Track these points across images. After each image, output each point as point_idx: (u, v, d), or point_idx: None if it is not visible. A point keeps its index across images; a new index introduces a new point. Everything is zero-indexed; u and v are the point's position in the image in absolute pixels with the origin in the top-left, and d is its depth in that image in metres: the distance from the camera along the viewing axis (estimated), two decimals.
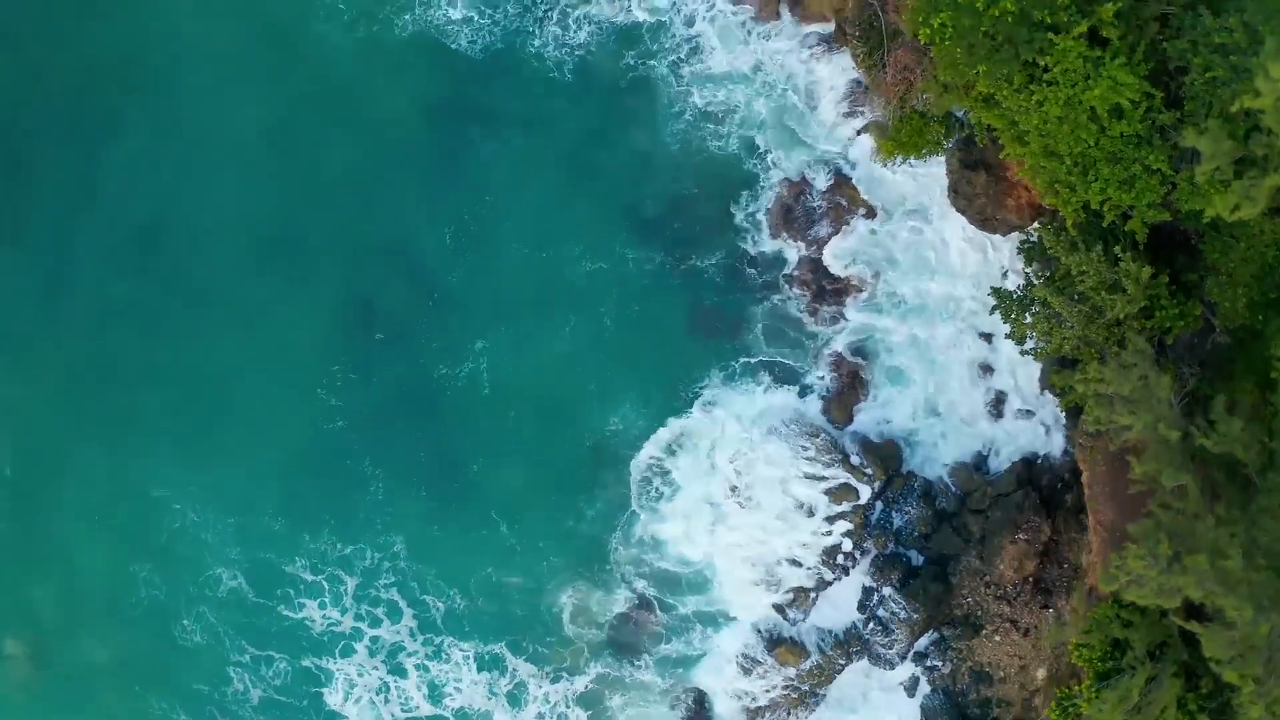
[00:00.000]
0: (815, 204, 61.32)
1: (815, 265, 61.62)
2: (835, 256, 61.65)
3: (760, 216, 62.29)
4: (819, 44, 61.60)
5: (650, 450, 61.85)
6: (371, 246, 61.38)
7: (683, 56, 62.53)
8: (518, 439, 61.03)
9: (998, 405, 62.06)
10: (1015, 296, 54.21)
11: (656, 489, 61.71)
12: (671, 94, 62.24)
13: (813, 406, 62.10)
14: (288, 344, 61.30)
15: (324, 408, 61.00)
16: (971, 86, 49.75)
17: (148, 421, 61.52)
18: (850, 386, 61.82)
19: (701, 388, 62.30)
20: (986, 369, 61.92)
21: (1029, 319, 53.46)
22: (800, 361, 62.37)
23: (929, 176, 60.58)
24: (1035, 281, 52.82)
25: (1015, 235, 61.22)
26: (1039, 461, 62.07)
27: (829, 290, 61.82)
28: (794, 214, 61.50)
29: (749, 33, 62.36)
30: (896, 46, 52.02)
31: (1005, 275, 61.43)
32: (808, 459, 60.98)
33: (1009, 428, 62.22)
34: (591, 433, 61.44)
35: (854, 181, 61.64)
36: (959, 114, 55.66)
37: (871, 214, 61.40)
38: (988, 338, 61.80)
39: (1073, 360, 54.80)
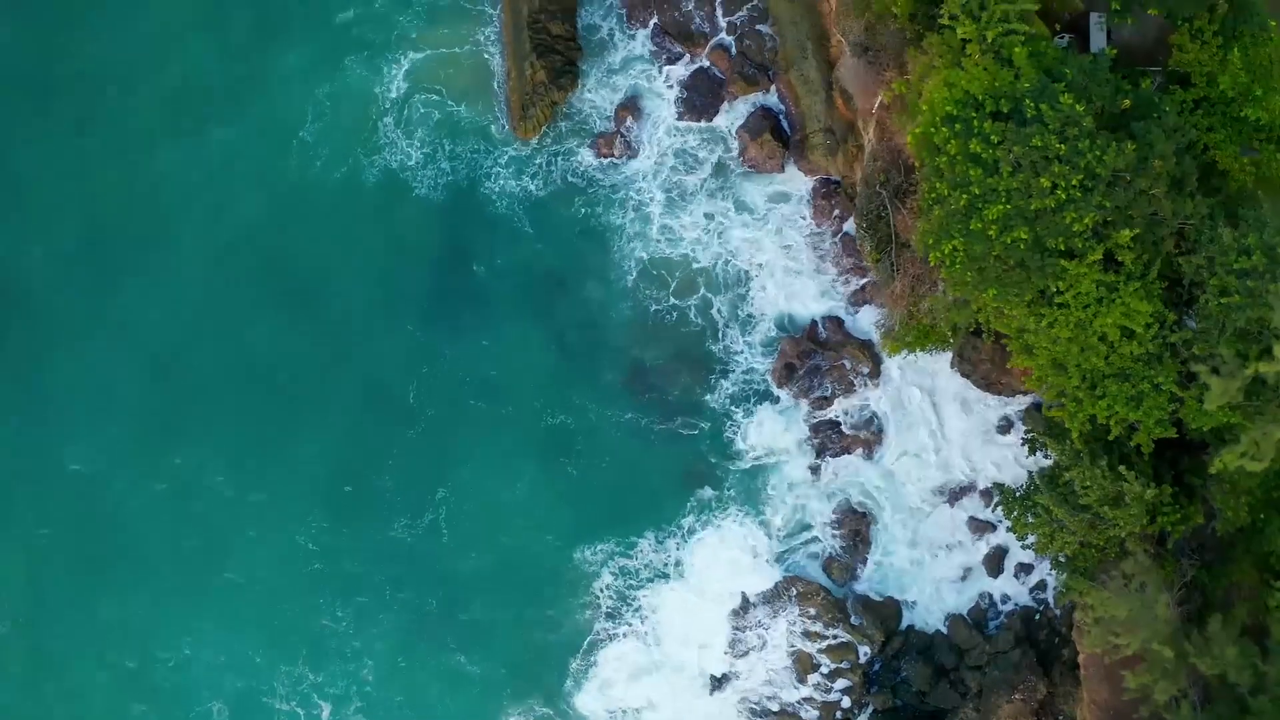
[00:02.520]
0: (818, 362, 62.09)
1: (815, 423, 62.40)
2: (838, 416, 62.47)
3: (759, 373, 63.71)
4: (822, 199, 62.37)
5: (625, 600, 63.81)
6: (344, 400, 63.91)
7: (679, 206, 64.32)
8: (478, 579, 63.91)
9: (998, 561, 63.49)
10: (1018, 496, 55.30)
11: (630, 633, 63.57)
12: (663, 243, 64.18)
13: (813, 564, 63.24)
14: (269, 495, 63.83)
15: (303, 552, 63.97)
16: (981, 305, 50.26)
17: (148, 564, 63.94)
18: (852, 544, 63.17)
19: (685, 540, 63.92)
20: (987, 525, 63.01)
21: (1031, 519, 54.45)
22: (800, 517, 63.63)
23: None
24: (1038, 483, 53.72)
25: (1019, 397, 62.59)
26: (1037, 618, 63.40)
27: (831, 448, 62.70)
28: (796, 372, 62.46)
29: (743, 184, 63.97)
30: (904, 255, 52.27)
31: (1009, 429, 62.35)
32: (808, 617, 62.21)
33: (1008, 584, 63.73)
34: (554, 578, 63.78)
35: (856, 339, 62.66)
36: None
37: (875, 374, 62.57)
38: (987, 495, 62.80)
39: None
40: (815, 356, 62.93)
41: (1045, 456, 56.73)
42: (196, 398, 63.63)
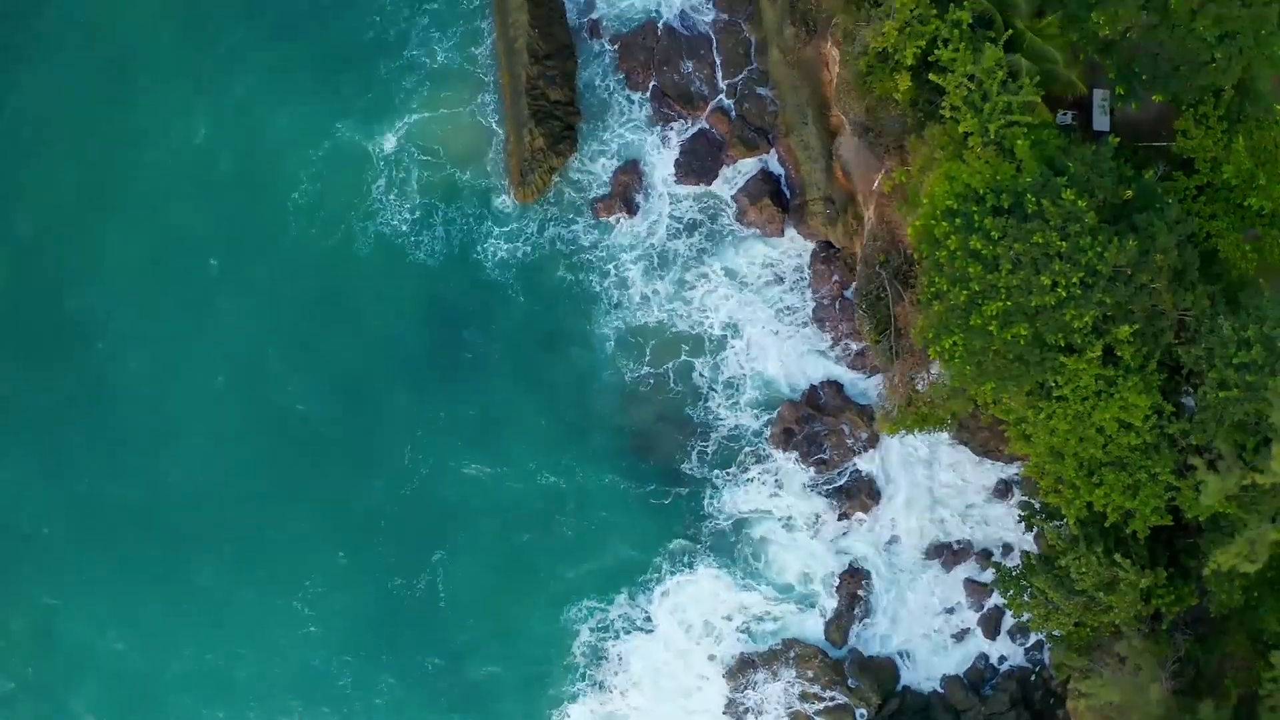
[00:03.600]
0: (817, 427, 62.26)
1: (813, 486, 62.64)
2: (835, 478, 62.92)
3: (758, 437, 63.93)
4: (821, 264, 62.59)
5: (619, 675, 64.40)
6: (339, 461, 63.99)
7: (677, 270, 64.43)
8: (474, 642, 64.30)
9: (994, 623, 63.98)
10: (1014, 575, 55.65)
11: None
12: (661, 307, 64.22)
13: (811, 625, 63.67)
14: (268, 559, 64.26)
15: (298, 616, 64.41)
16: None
17: (146, 625, 64.38)
18: (849, 605, 63.60)
19: (680, 602, 64.25)
20: (984, 587, 63.32)
21: (1026, 599, 54.71)
22: (798, 578, 64.09)
23: None
24: (1034, 564, 54.02)
25: (1016, 462, 62.74)
26: (1033, 679, 63.88)
27: (829, 511, 63.18)
28: (795, 436, 62.66)
29: (743, 247, 64.09)
30: (904, 342, 52.16)
31: (1010, 492, 62.54)
32: (806, 679, 62.74)
33: (1004, 645, 64.49)
34: (546, 639, 64.19)
35: (855, 404, 63.01)
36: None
37: (874, 439, 62.78)
38: (986, 555, 63.10)
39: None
40: (814, 421, 63.29)
41: (1040, 536, 57.09)
42: (190, 464, 63.78)
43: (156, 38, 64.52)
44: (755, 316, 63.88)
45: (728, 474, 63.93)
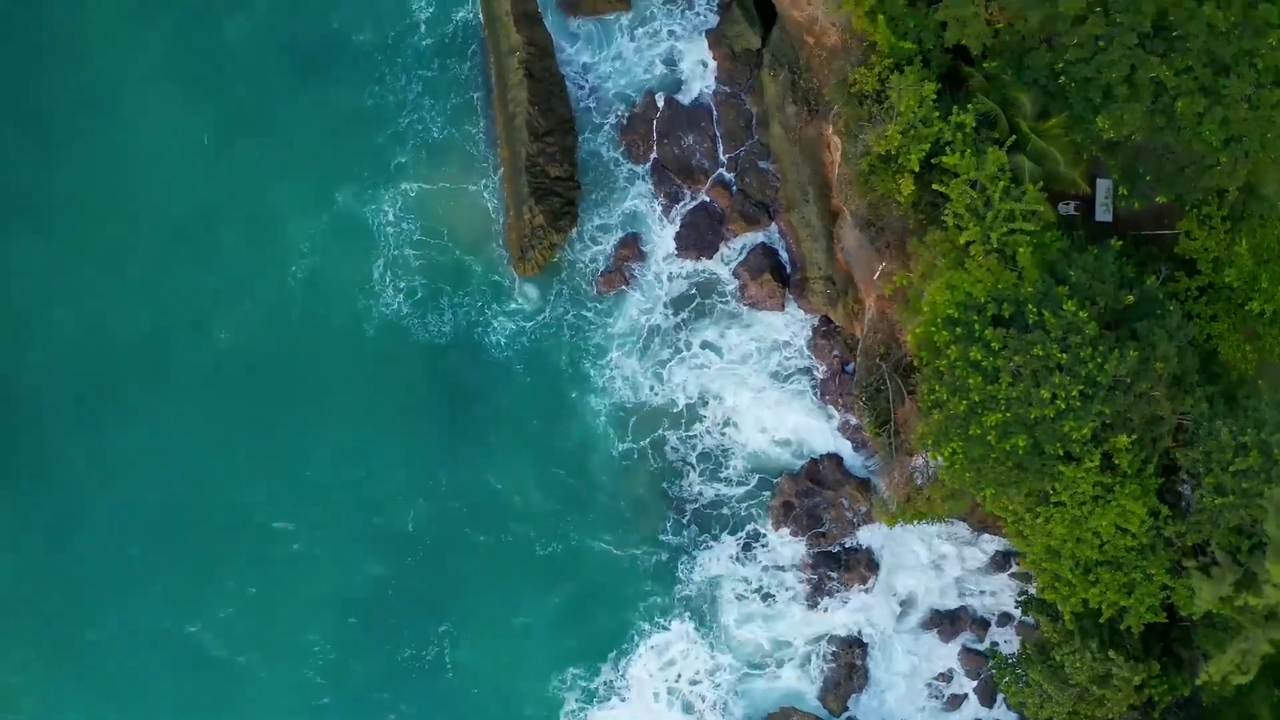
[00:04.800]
0: (816, 501, 62.57)
1: (815, 559, 63.02)
2: (834, 550, 63.28)
3: (756, 509, 64.31)
4: (822, 339, 62.99)
5: None
6: (347, 530, 64.29)
7: (678, 344, 64.60)
8: (483, 711, 65.00)
9: (991, 690, 64.70)
10: (1009, 663, 56.28)
11: None
12: (661, 381, 64.43)
13: (809, 694, 64.37)
14: (275, 626, 64.44)
15: (310, 685, 64.81)
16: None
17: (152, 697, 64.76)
18: (847, 675, 64.26)
19: (675, 674, 64.65)
20: (981, 656, 63.95)
21: (1022, 687, 55.28)
22: (796, 648, 64.77)
23: None
24: (1030, 654, 54.58)
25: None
26: None
27: (827, 582, 63.42)
28: (794, 510, 62.98)
29: (744, 321, 64.14)
30: (903, 439, 52.28)
31: (1007, 563, 63.01)
32: None
33: (1002, 713, 65.16)
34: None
35: (855, 478, 63.28)
36: None
37: (873, 514, 62.66)
38: (984, 625, 63.74)
39: None
40: (814, 495, 63.74)
41: (1036, 625, 57.64)
42: (195, 532, 63.86)
43: (153, 102, 64.13)
44: (755, 390, 64.17)
45: (727, 544, 64.23)
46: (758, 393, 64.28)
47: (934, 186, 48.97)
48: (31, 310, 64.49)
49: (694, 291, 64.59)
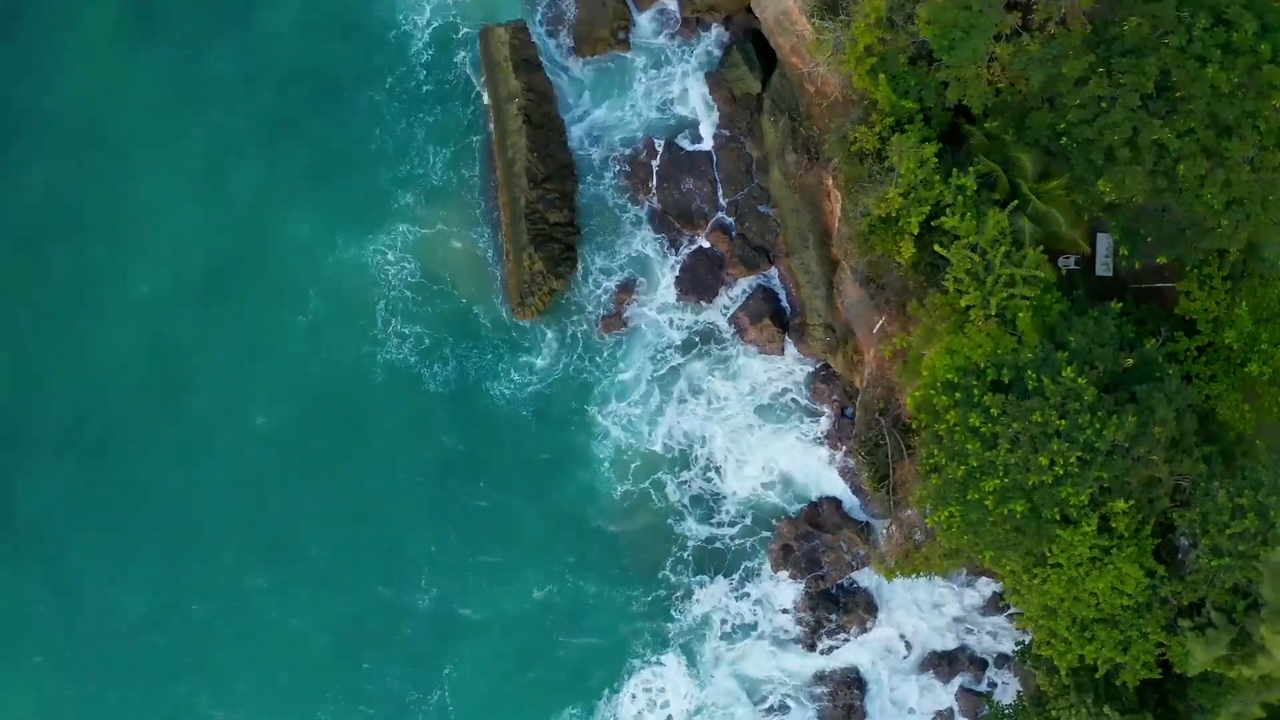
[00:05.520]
0: (815, 544, 62.77)
1: (814, 600, 63.23)
2: (833, 591, 63.55)
3: (755, 551, 64.53)
4: (821, 382, 63.10)
5: None
6: (355, 576, 64.46)
7: (678, 387, 64.58)
8: None
9: None
10: (1005, 714, 56.27)
11: None
12: (662, 425, 64.49)
13: None
14: (285, 669, 64.56)
15: None
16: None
17: None
18: (845, 716, 65.01)
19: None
20: (978, 697, 64.36)
21: None
22: (794, 689, 65.33)
23: None
24: (1026, 706, 54.89)
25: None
26: None
27: (828, 623, 63.80)
28: (793, 552, 63.19)
29: (744, 365, 64.21)
30: (902, 495, 52.38)
31: (1000, 604, 63.28)
32: None
33: None
34: None
35: (854, 521, 63.57)
36: None
37: (873, 552, 62.75)
38: (981, 666, 64.14)
39: None
40: (813, 538, 64.11)
41: (1031, 675, 57.97)
42: (206, 584, 63.96)
43: (151, 145, 64.08)
44: (754, 433, 64.39)
45: (725, 585, 64.52)
46: (757, 435, 64.50)
47: (935, 249, 48.95)
48: (26, 358, 64.23)
49: (694, 335, 64.84)
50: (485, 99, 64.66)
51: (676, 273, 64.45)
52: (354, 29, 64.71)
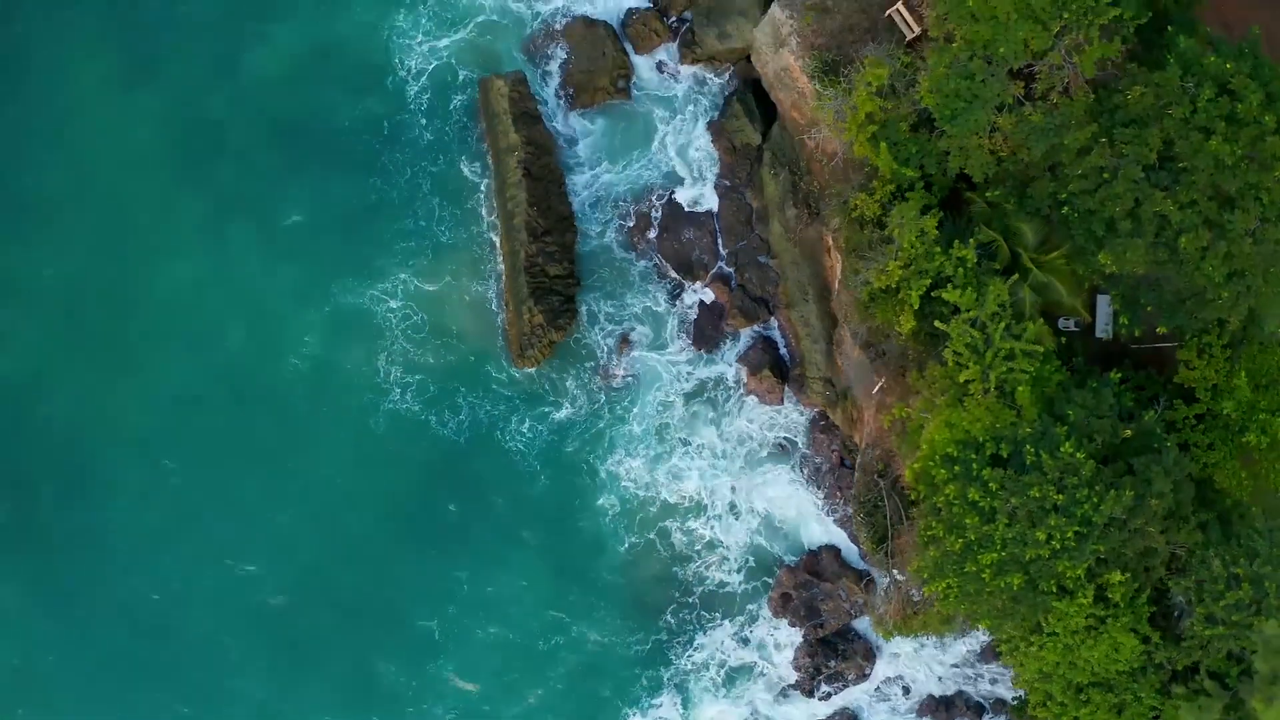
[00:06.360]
0: (814, 592, 63.05)
1: (813, 647, 63.60)
2: (832, 639, 63.73)
3: (756, 599, 64.81)
4: (821, 432, 63.45)
5: None
6: (367, 617, 64.22)
7: (677, 438, 64.62)
8: None
9: None
10: None
11: None
12: (664, 474, 64.55)
13: None
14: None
15: None
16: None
17: None
18: None
19: None
20: None
21: None
22: None
23: None
24: None
25: None
26: None
27: (826, 670, 64.07)
28: (792, 601, 63.44)
29: (744, 415, 64.27)
30: (900, 560, 52.53)
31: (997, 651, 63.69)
32: None
33: None
34: None
35: (853, 569, 63.50)
36: None
37: (870, 603, 62.90)
38: (979, 711, 64.56)
39: None
40: (812, 587, 64.45)
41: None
42: (205, 638, 63.70)
43: (149, 194, 63.53)
44: (754, 482, 64.59)
45: (725, 632, 64.61)
46: (758, 484, 64.72)
47: (935, 324, 48.86)
48: (22, 410, 63.93)
49: (694, 385, 64.80)
50: (484, 148, 64.25)
51: (678, 323, 64.47)
52: (351, 76, 64.29)
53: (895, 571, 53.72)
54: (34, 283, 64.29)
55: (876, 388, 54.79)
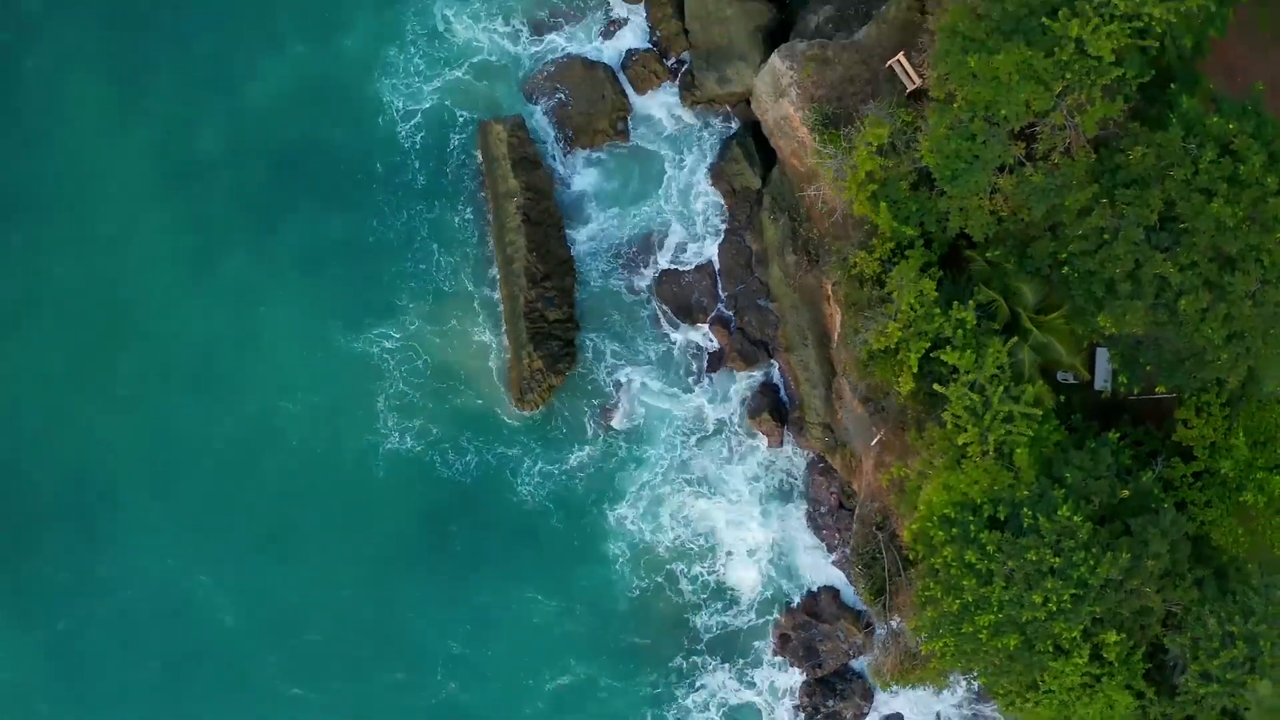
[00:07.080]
0: (813, 634, 63.43)
1: (812, 687, 64.08)
2: (830, 679, 64.10)
3: (756, 640, 65.18)
4: (819, 474, 63.73)
5: None
6: (376, 663, 64.53)
7: (676, 480, 64.90)
8: None
9: None
10: None
11: None
12: (663, 517, 64.71)
13: None
14: None
15: None
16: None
17: None
18: None
19: None
20: None
21: None
22: None
23: None
24: None
25: None
26: None
27: (825, 710, 64.95)
28: (791, 642, 63.86)
29: (743, 457, 64.58)
30: (899, 614, 52.73)
31: None
32: None
33: None
34: None
35: (852, 610, 63.75)
36: None
37: (869, 644, 64.44)
38: None
39: None
40: (811, 628, 64.89)
41: None
42: (201, 691, 64.03)
43: (146, 233, 63.65)
44: (754, 524, 64.88)
45: (726, 672, 64.90)
46: (760, 526, 65.04)
47: (934, 387, 48.96)
48: (19, 447, 64.16)
49: (694, 427, 65.05)
50: (483, 192, 64.25)
51: (678, 366, 64.56)
52: (346, 113, 64.23)
53: (893, 623, 54.04)
54: (17, 318, 63.81)
55: (875, 440, 54.94)
